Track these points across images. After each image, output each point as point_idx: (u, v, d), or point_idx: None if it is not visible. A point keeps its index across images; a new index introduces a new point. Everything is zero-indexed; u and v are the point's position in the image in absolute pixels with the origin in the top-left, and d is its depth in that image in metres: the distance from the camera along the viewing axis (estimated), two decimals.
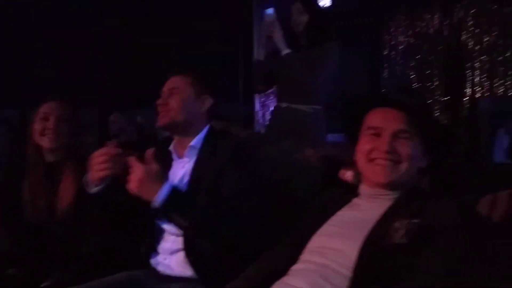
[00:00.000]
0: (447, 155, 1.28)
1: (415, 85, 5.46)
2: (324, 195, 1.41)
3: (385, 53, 5.69)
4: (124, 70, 4.57)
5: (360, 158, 1.27)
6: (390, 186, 1.24)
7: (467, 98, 5.03)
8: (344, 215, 1.28)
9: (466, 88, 5.04)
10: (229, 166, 1.53)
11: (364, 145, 1.26)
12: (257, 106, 4.89)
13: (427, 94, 5.40)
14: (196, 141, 1.63)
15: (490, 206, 1.16)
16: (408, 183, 1.25)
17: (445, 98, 5.19)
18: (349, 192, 1.34)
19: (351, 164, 1.38)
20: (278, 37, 2.72)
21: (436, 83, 5.30)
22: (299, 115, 2.75)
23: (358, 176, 1.35)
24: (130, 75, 4.45)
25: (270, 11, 2.81)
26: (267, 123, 3.31)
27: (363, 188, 1.31)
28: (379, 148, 1.23)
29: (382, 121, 1.24)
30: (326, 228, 1.27)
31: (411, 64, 5.46)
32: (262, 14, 2.90)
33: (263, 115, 4.70)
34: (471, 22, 4.99)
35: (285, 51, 2.72)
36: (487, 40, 4.91)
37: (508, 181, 1.31)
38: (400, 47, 5.57)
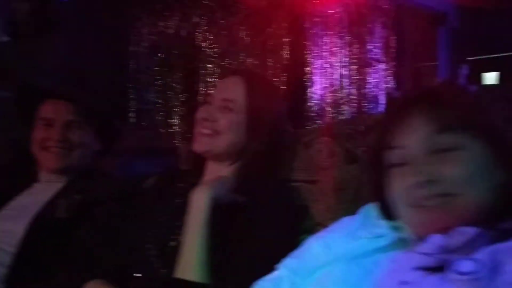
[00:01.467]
0: (116, 138, 1.52)
1: (159, 81, 5.81)
2: None
3: (131, 48, 5.88)
4: None
5: (34, 146, 1.40)
6: (63, 171, 1.40)
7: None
8: (21, 199, 1.39)
9: (201, 88, 5.63)
10: None
11: (38, 134, 1.39)
12: None
13: (169, 91, 5.83)
14: None
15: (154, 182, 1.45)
16: (81, 166, 1.43)
17: (184, 95, 5.69)
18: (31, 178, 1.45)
19: None
20: None
21: (177, 80, 5.75)
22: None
23: None
24: None
25: None
26: None
27: (41, 174, 1.44)
28: (51, 138, 1.38)
29: (53, 112, 1.39)
30: (3, 213, 1.36)
31: (155, 61, 5.78)
32: None
33: None
34: (205, 28, 5.59)
35: (3, 38, 2.63)
36: (217, 46, 5.57)
37: None
38: (144, 44, 5.83)
